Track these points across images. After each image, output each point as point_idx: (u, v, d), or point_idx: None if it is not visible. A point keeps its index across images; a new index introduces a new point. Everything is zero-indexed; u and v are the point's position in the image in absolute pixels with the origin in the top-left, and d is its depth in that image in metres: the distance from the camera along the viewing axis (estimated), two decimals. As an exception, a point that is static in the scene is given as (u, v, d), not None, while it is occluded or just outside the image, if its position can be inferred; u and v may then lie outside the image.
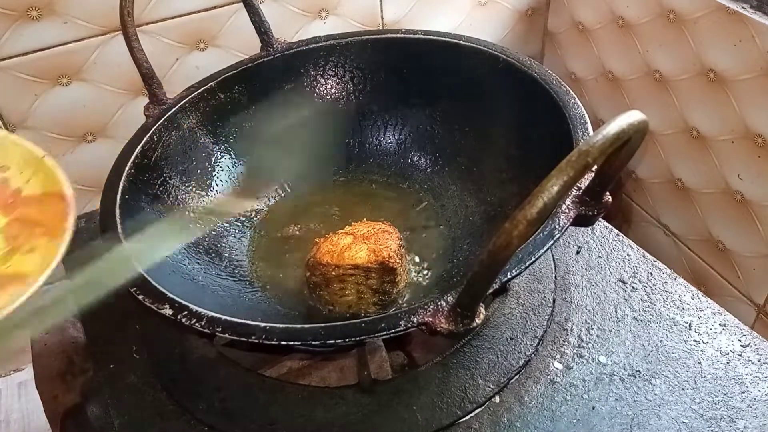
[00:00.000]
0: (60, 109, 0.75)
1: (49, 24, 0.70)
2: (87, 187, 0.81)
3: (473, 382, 0.46)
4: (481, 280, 0.30)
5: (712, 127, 0.77)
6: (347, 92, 0.62)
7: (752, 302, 0.79)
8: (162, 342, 0.51)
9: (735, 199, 0.76)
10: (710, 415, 0.43)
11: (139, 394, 0.48)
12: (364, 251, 0.46)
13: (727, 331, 0.48)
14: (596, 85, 0.95)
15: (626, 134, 0.28)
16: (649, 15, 0.80)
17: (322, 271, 0.46)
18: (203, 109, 0.56)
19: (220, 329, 0.36)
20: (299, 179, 0.61)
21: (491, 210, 0.54)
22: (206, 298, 0.45)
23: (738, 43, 0.69)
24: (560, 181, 0.26)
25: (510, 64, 0.53)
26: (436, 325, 0.33)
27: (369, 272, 0.46)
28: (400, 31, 0.60)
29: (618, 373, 0.46)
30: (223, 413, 0.45)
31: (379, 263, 0.45)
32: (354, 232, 0.48)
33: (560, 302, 0.51)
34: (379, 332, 0.34)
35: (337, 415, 0.45)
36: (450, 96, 0.59)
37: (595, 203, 0.37)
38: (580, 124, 0.45)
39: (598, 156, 0.27)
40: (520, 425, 0.44)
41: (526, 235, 0.27)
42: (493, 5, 0.95)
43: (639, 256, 0.55)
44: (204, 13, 0.77)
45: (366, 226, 0.49)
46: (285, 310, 0.49)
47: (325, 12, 0.84)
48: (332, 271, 0.46)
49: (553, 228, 0.37)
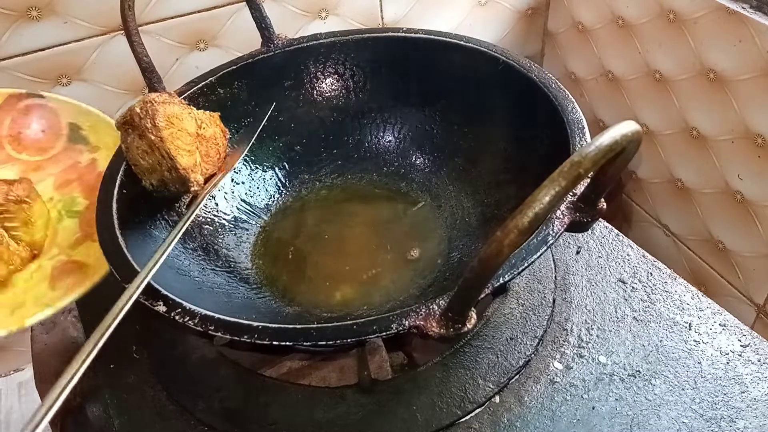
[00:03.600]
0: (60, 109, 0.75)
1: (49, 24, 0.70)
2: (87, 187, 0.81)
3: (473, 382, 0.46)
4: (472, 286, 0.31)
5: (712, 127, 0.77)
6: (347, 90, 0.62)
7: (752, 302, 0.79)
8: (162, 342, 0.51)
9: (735, 199, 0.76)
10: (710, 415, 0.43)
11: (139, 394, 0.48)
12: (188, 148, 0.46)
13: (727, 331, 0.48)
14: (596, 85, 0.95)
15: (620, 145, 0.28)
16: (649, 15, 0.81)
17: (143, 124, 0.45)
18: (202, 105, 0.56)
19: (213, 327, 0.36)
20: (296, 177, 0.61)
21: (488, 211, 0.54)
22: (201, 295, 0.44)
23: (738, 43, 0.69)
24: (552, 191, 0.26)
25: (509, 66, 0.53)
26: (427, 328, 0.33)
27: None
28: (401, 30, 0.60)
29: (618, 373, 0.46)
30: (223, 413, 0.45)
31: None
32: (202, 125, 0.48)
33: (560, 302, 0.52)
34: (370, 334, 0.34)
35: (337, 415, 0.45)
36: (449, 96, 0.59)
37: (590, 210, 0.37)
38: (578, 129, 0.45)
39: (590, 167, 0.27)
40: (520, 425, 0.44)
41: (517, 244, 0.27)
42: (493, 5, 0.95)
43: (639, 256, 0.55)
44: (204, 13, 0.77)
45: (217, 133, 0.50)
46: (280, 309, 0.49)
47: (325, 12, 0.84)
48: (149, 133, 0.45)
49: (546, 234, 0.37)
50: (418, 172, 0.61)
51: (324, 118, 0.62)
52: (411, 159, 0.61)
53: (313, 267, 0.54)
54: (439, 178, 0.59)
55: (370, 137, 0.62)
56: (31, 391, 0.76)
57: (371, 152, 0.62)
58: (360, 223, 0.57)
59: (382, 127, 0.62)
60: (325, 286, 0.52)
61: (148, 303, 0.37)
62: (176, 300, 0.37)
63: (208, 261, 0.50)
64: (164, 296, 0.38)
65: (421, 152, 0.61)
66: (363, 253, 0.54)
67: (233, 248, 0.54)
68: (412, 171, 0.61)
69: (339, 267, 0.53)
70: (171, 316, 0.37)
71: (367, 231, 0.56)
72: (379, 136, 0.62)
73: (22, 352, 0.91)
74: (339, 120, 0.62)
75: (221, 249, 0.53)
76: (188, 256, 0.49)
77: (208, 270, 0.49)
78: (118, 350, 0.51)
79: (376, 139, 0.62)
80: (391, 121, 0.62)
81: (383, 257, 0.54)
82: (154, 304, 0.37)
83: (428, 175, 0.60)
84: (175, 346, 0.50)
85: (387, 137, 0.62)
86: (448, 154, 0.60)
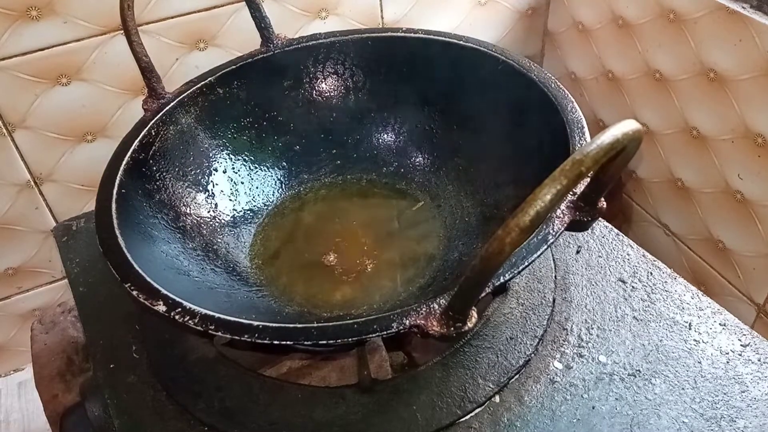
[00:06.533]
0: (60, 109, 0.75)
1: (49, 24, 0.70)
2: (86, 187, 0.81)
3: (473, 381, 0.46)
4: (473, 284, 0.31)
5: (712, 127, 0.77)
6: (346, 90, 0.62)
7: (752, 302, 0.79)
8: (162, 342, 0.51)
9: (735, 199, 0.76)
10: (710, 415, 0.43)
11: (139, 394, 0.48)
12: None
13: (727, 330, 0.48)
14: (596, 85, 0.95)
15: (621, 144, 0.28)
16: (649, 15, 0.81)
17: None
18: (202, 104, 0.56)
19: (213, 327, 0.36)
20: (295, 176, 0.61)
21: (487, 211, 0.54)
22: (201, 295, 0.44)
23: (738, 43, 0.69)
24: (553, 190, 0.27)
25: (509, 66, 0.53)
26: (428, 327, 0.33)
27: None
28: (401, 30, 0.60)
29: (618, 372, 0.46)
30: (223, 413, 0.45)
31: None
32: None
33: (560, 302, 0.52)
34: (371, 333, 0.34)
35: (337, 414, 0.45)
36: (449, 96, 0.59)
37: (590, 209, 0.37)
38: (578, 129, 0.45)
39: (591, 165, 0.27)
40: (520, 425, 0.44)
41: (518, 243, 0.27)
42: (493, 5, 0.95)
43: (639, 256, 0.55)
44: (204, 13, 0.77)
45: None
46: (280, 309, 0.49)
47: (325, 12, 0.84)
48: None
49: (547, 233, 0.37)
50: (417, 171, 0.61)
51: (323, 118, 0.62)
52: (410, 159, 0.61)
53: (312, 267, 0.54)
54: (439, 177, 0.59)
55: (370, 137, 0.62)
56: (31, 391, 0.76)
57: (371, 152, 0.62)
58: (360, 223, 0.57)
59: (382, 127, 0.62)
60: (325, 286, 0.52)
61: (148, 303, 0.37)
62: (176, 300, 0.37)
63: (208, 261, 0.50)
64: (164, 296, 0.38)
65: (421, 152, 0.61)
66: (362, 252, 0.54)
67: (233, 248, 0.54)
68: (411, 171, 0.61)
69: (339, 267, 0.53)
70: (171, 316, 0.37)
71: (367, 231, 0.56)
72: (379, 136, 0.62)
73: (22, 352, 0.91)
74: (338, 120, 0.62)
75: (221, 249, 0.53)
76: (188, 255, 0.49)
77: (208, 270, 0.49)
78: (118, 350, 0.51)
79: (375, 138, 0.62)
80: (391, 121, 0.62)
81: (383, 257, 0.54)
82: (154, 304, 0.37)
83: (428, 174, 0.60)
84: (175, 346, 0.50)
85: (386, 137, 0.62)
86: (448, 153, 0.60)
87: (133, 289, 0.38)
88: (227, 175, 0.58)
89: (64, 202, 0.82)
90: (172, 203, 0.52)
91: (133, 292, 0.38)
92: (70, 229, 0.63)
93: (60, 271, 0.87)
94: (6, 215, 0.79)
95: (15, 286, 0.86)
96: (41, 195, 0.80)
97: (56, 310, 0.61)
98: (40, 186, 0.79)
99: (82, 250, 0.60)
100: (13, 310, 0.88)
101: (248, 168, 0.59)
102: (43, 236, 0.83)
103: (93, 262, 0.59)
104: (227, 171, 0.58)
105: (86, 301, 0.56)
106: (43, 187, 0.79)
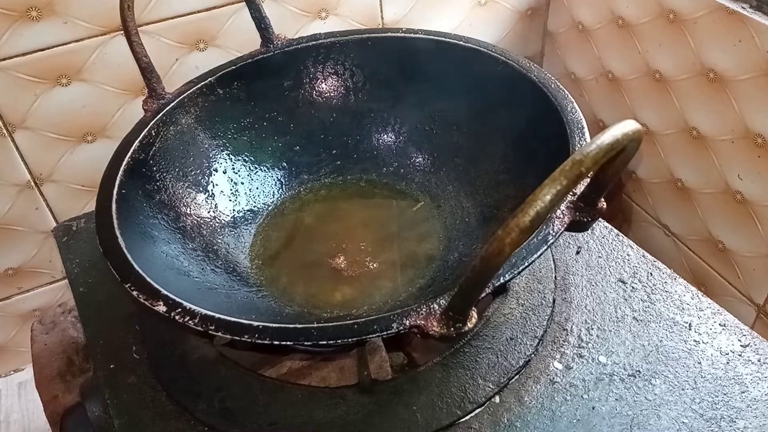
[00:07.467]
0: (60, 110, 0.75)
1: (49, 24, 0.70)
2: (86, 188, 0.81)
3: (473, 382, 0.46)
4: (474, 285, 0.31)
5: (712, 127, 0.77)
6: (346, 90, 0.62)
7: (752, 302, 0.79)
8: (162, 342, 0.51)
9: (735, 199, 0.76)
10: (710, 415, 0.43)
11: (139, 394, 0.48)
12: None
13: (727, 331, 0.48)
14: (596, 85, 0.95)
15: (621, 144, 0.28)
16: (649, 15, 0.81)
17: None
18: (202, 105, 0.56)
19: (213, 327, 0.36)
20: (295, 177, 0.61)
21: (487, 212, 0.54)
22: (201, 295, 0.44)
23: (738, 43, 0.69)
24: (553, 190, 0.27)
25: (509, 66, 0.53)
26: (428, 328, 0.33)
27: None
28: (401, 30, 0.60)
29: (618, 373, 0.46)
30: (223, 413, 0.45)
31: None
32: None
33: (560, 302, 0.52)
34: (371, 334, 0.34)
35: (337, 415, 0.45)
36: (449, 96, 0.59)
37: (590, 209, 0.37)
38: (577, 129, 0.45)
39: (591, 165, 0.27)
40: (520, 425, 0.44)
41: (518, 243, 0.27)
42: (492, 5, 0.95)
43: (639, 256, 0.55)
44: (204, 13, 0.77)
45: None
46: (280, 309, 0.49)
47: (324, 12, 0.84)
48: None
49: (547, 233, 0.37)
50: (417, 172, 0.61)
51: (323, 119, 0.62)
52: (410, 159, 0.61)
53: (312, 267, 0.54)
54: (439, 178, 0.59)
55: (370, 137, 0.62)
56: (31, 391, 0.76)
57: (371, 152, 0.62)
58: (359, 223, 0.57)
59: (382, 127, 0.62)
60: (325, 286, 0.52)
61: (148, 303, 0.37)
62: (176, 300, 0.37)
63: (208, 261, 0.50)
64: (164, 296, 0.38)
65: (421, 152, 0.61)
66: (363, 253, 0.54)
67: (233, 248, 0.54)
68: (411, 171, 0.61)
69: (339, 267, 0.53)
70: (171, 316, 0.37)
71: (367, 231, 0.56)
72: (379, 136, 0.62)
73: (22, 352, 0.91)
74: (338, 120, 0.62)
75: (221, 249, 0.53)
76: (188, 256, 0.49)
77: (208, 270, 0.49)
78: (118, 350, 0.51)
79: (375, 139, 0.62)
80: (391, 121, 0.62)
81: (383, 257, 0.54)
82: (155, 304, 0.37)
83: (428, 175, 0.60)
84: (175, 346, 0.50)
85: (386, 137, 0.62)
86: (448, 154, 0.60)
87: (133, 290, 0.38)
88: (227, 175, 0.58)
89: (64, 202, 0.82)
90: (173, 203, 0.52)
91: (134, 293, 0.38)
92: (71, 229, 0.63)
93: (60, 272, 0.87)
94: (6, 215, 0.79)
95: (15, 287, 0.86)
96: (41, 195, 0.80)
97: (56, 310, 0.61)
98: (41, 186, 0.79)
99: (82, 250, 0.60)
100: (13, 310, 0.88)
101: (248, 168, 0.59)
102: (44, 236, 0.83)
103: (93, 263, 0.59)
104: (227, 171, 0.58)
105: (86, 302, 0.56)
106: (44, 188, 0.79)
